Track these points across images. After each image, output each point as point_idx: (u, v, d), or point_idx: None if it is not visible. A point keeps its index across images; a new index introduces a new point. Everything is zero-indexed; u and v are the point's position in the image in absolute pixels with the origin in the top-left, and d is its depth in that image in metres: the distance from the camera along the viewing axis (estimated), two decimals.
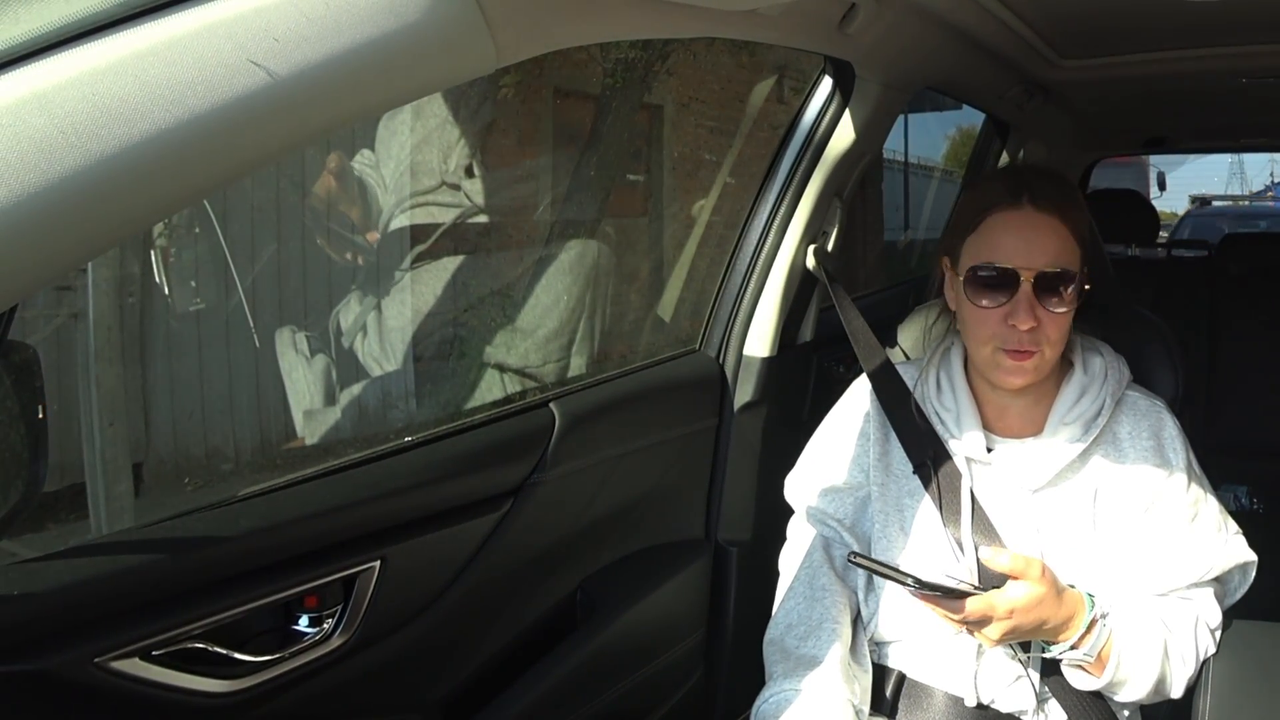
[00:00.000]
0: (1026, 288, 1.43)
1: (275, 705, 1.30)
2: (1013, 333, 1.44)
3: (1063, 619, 1.37)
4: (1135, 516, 1.47)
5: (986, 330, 1.47)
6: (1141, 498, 1.47)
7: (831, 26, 1.56)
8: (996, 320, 1.45)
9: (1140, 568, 1.47)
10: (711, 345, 2.08)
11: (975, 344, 1.50)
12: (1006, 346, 1.45)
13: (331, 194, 2.80)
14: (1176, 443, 1.51)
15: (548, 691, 1.64)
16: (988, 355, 1.48)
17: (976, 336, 1.49)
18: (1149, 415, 1.52)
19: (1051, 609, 1.36)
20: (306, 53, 0.78)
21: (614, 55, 3.96)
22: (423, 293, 3.06)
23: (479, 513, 1.55)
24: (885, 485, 1.59)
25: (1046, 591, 1.35)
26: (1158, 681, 1.42)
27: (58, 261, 0.72)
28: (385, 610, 1.41)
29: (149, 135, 0.71)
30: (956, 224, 1.55)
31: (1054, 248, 1.44)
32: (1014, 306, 1.43)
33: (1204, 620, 1.47)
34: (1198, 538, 1.48)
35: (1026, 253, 1.44)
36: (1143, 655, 1.40)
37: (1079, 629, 1.38)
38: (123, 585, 1.15)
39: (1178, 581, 1.47)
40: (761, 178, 2.04)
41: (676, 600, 1.93)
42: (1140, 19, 2.03)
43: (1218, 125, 3.87)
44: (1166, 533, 1.47)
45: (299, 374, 2.58)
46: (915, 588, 1.31)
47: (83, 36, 0.72)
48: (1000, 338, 1.45)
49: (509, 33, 0.95)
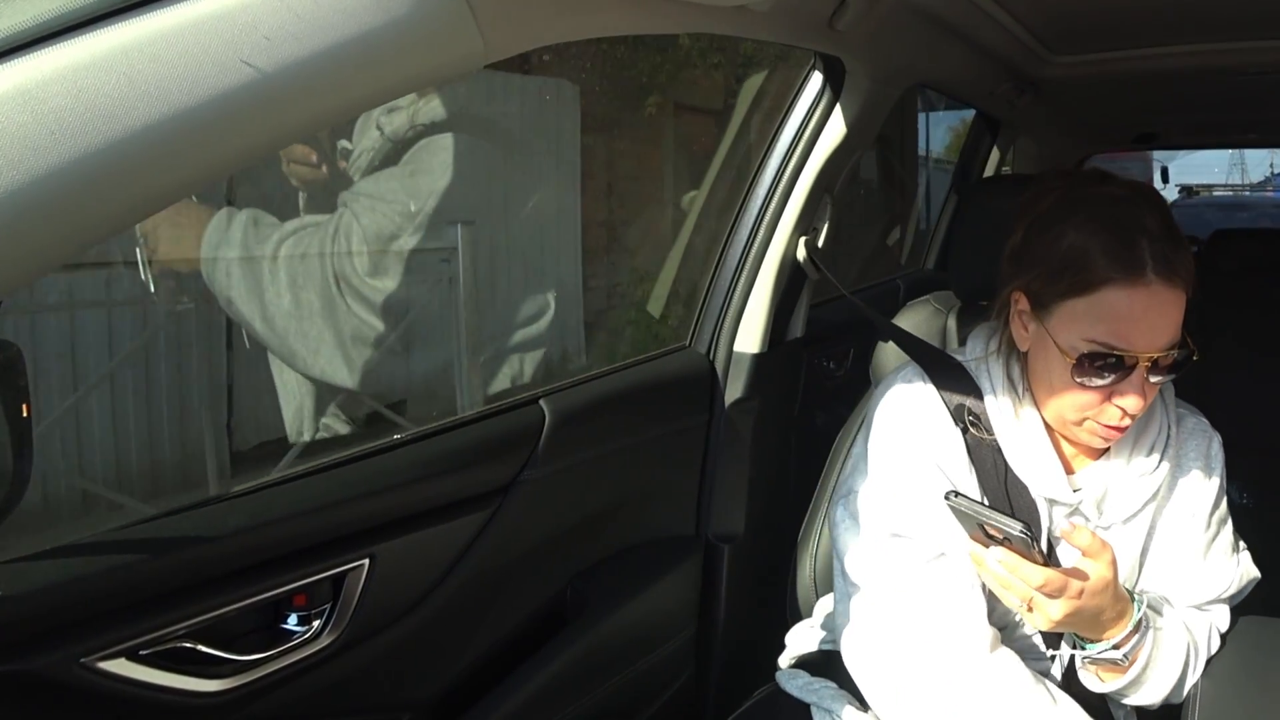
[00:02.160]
0: (1142, 371, 1.27)
1: (264, 704, 1.30)
2: (1116, 412, 1.30)
3: (1116, 614, 1.32)
4: (1181, 536, 1.44)
5: (1083, 402, 1.31)
6: (1187, 518, 1.44)
7: (821, 22, 1.56)
8: (1100, 398, 1.30)
9: (1175, 582, 1.45)
10: (702, 341, 2.08)
11: (1064, 411, 1.34)
12: (1104, 421, 1.32)
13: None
14: (1219, 463, 1.46)
15: (538, 689, 1.63)
16: (1074, 423, 1.34)
17: (1069, 407, 1.33)
18: (1197, 435, 1.47)
19: (1111, 600, 1.29)
20: (294, 48, 0.78)
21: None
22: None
23: (469, 510, 1.55)
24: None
25: (1113, 579, 1.28)
26: (1174, 688, 1.40)
27: (42, 259, 0.72)
28: (374, 608, 1.40)
29: (135, 131, 0.71)
30: (1047, 270, 1.32)
31: (1175, 322, 1.28)
32: (1124, 388, 1.28)
33: (1217, 629, 1.47)
34: (1221, 557, 1.47)
35: (1150, 337, 1.27)
36: (1169, 661, 1.38)
37: (1126, 629, 1.33)
38: (109, 584, 1.15)
39: (1201, 597, 1.46)
40: (751, 173, 2.04)
41: (667, 597, 1.93)
42: (1131, 15, 2.04)
43: (1208, 121, 3.88)
44: (1200, 548, 1.45)
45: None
46: (1022, 533, 1.18)
47: (68, 31, 0.71)
48: (1098, 413, 1.31)
49: (497, 28, 0.94)
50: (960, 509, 1.24)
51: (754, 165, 2.05)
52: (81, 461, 2.04)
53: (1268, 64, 2.34)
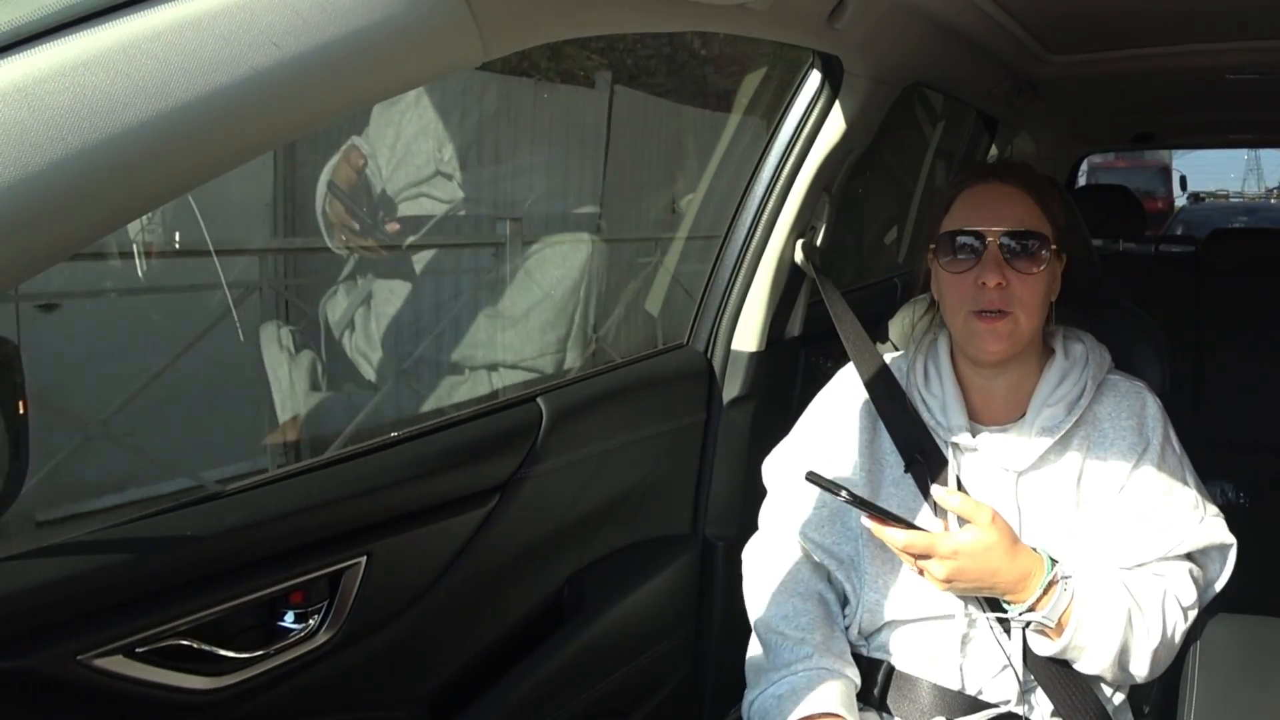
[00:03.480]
0: (994, 248, 1.47)
1: (260, 702, 1.29)
2: (983, 292, 1.46)
3: (1017, 574, 1.40)
4: (1114, 494, 1.49)
5: (958, 295, 1.50)
6: (1120, 476, 1.49)
7: (820, 21, 1.56)
8: (968, 283, 1.48)
9: (1113, 540, 1.48)
10: (699, 340, 2.08)
11: (951, 314, 1.53)
12: (977, 308, 1.47)
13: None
14: (1156, 422, 1.53)
15: (535, 686, 1.64)
16: (962, 324, 1.51)
17: (951, 304, 1.52)
18: (1129, 396, 1.55)
19: (1002, 560, 1.40)
20: (292, 45, 0.78)
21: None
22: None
23: (466, 508, 1.55)
24: (872, 472, 1.59)
25: (996, 540, 1.40)
26: (1120, 652, 1.42)
27: (38, 255, 0.71)
28: (371, 606, 1.40)
29: (132, 128, 0.71)
30: (934, 212, 1.59)
31: (1019, 212, 1.49)
32: (982, 267, 1.47)
33: (1174, 595, 1.47)
34: (1170, 512, 1.49)
35: (993, 216, 1.48)
36: (1104, 622, 1.41)
37: (1036, 590, 1.40)
38: (106, 582, 1.14)
39: (1147, 555, 1.48)
40: (749, 172, 2.04)
41: (664, 595, 1.93)
42: (1128, 15, 2.04)
43: (1205, 121, 3.89)
44: (1140, 506, 1.48)
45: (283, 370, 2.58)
46: (864, 509, 1.40)
47: (67, 28, 0.71)
48: (972, 300, 1.48)
49: (496, 25, 0.94)
50: (819, 484, 1.39)
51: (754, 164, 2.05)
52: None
53: (1265, 64, 2.34)
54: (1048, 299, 1.51)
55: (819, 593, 1.60)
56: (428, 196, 3.55)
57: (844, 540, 1.59)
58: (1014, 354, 1.51)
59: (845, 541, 1.59)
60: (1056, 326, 1.58)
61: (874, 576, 1.54)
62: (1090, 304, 1.68)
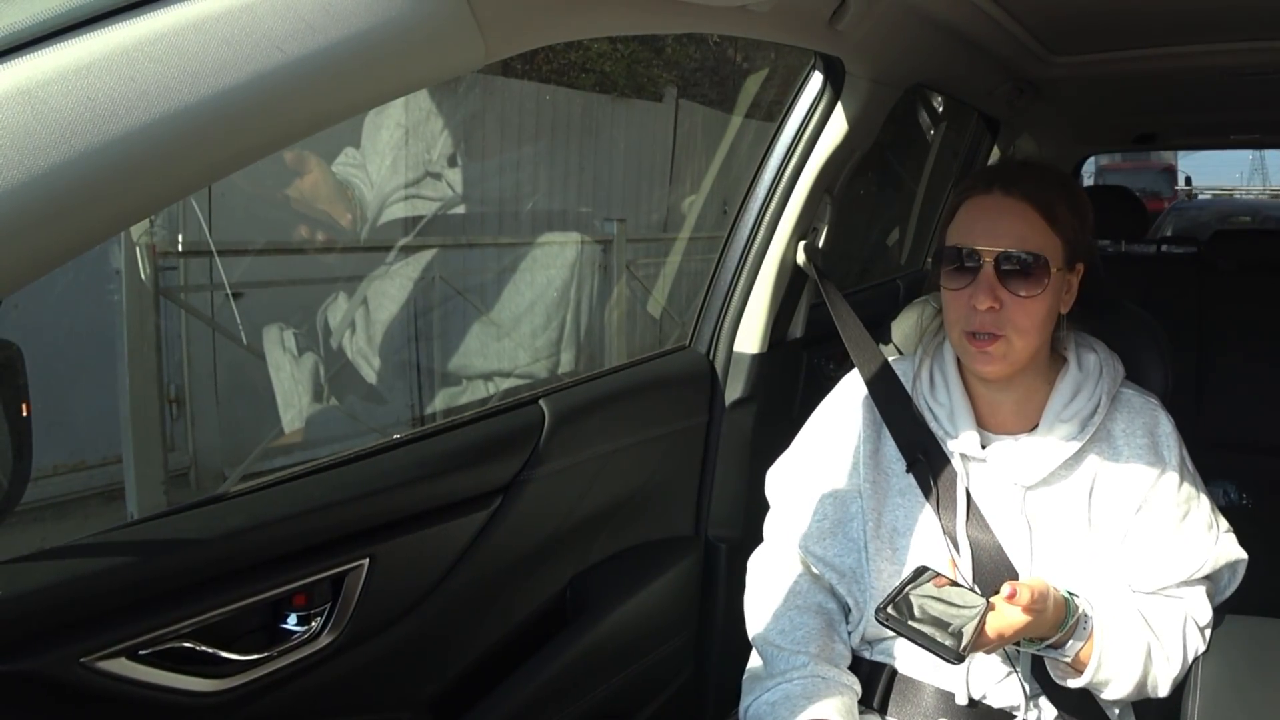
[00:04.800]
0: (989, 269, 1.42)
1: (264, 704, 1.29)
2: (974, 314, 1.43)
3: (1048, 624, 1.36)
4: (1128, 515, 1.47)
5: (954, 312, 1.47)
6: (1135, 496, 1.47)
7: (821, 22, 1.56)
8: (962, 301, 1.45)
9: (1131, 566, 1.46)
10: (701, 342, 2.08)
11: (949, 328, 1.51)
12: (969, 329, 1.44)
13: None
14: (1171, 441, 1.50)
15: (537, 689, 1.63)
16: (957, 341, 1.49)
17: (948, 319, 1.50)
18: (1144, 413, 1.52)
19: (1036, 624, 1.34)
20: (294, 48, 0.78)
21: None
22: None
23: (468, 510, 1.55)
24: (876, 483, 1.57)
25: (1033, 620, 1.33)
26: (1140, 682, 1.42)
27: (42, 258, 0.71)
28: (374, 608, 1.40)
29: (135, 131, 0.71)
30: (941, 220, 1.57)
31: (1021, 230, 1.43)
32: (975, 288, 1.43)
33: (1193, 619, 1.47)
34: (1188, 536, 1.47)
35: (990, 234, 1.43)
36: (1124, 658, 1.40)
37: (1058, 631, 1.38)
38: (109, 584, 1.15)
39: (1167, 580, 1.47)
40: (752, 174, 2.04)
41: (666, 597, 1.93)
42: (1130, 15, 2.04)
43: (1208, 121, 3.89)
44: (1157, 531, 1.46)
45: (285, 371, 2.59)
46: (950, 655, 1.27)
47: (69, 31, 0.71)
48: (964, 319, 1.45)
49: (498, 27, 0.94)
50: (890, 621, 1.29)
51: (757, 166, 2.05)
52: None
53: (1267, 64, 2.34)
54: (1051, 317, 1.47)
55: (819, 604, 1.58)
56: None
57: (846, 552, 1.58)
58: (1014, 372, 1.48)
59: (848, 554, 1.58)
60: (1068, 334, 1.54)
61: (878, 590, 1.52)
62: (1093, 305, 1.68)
